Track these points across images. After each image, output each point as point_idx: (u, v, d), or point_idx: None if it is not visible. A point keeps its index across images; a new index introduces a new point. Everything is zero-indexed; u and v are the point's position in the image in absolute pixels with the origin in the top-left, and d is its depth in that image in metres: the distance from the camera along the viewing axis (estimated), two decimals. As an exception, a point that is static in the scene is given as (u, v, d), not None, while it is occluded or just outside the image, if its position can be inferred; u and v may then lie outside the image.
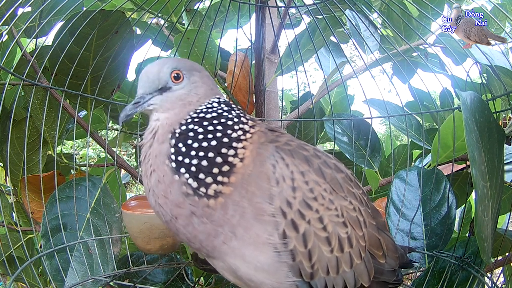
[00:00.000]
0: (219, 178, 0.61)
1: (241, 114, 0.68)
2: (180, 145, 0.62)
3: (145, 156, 0.66)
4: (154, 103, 0.66)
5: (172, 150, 0.63)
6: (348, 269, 0.66)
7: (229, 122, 0.65)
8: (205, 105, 0.67)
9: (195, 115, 0.65)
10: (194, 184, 0.61)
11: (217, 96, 0.70)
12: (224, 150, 0.62)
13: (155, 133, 0.66)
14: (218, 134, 0.63)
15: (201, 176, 0.61)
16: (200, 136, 0.63)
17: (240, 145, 0.63)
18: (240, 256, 0.62)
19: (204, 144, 0.62)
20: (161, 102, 0.66)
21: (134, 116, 0.70)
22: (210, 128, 0.63)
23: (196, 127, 0.64)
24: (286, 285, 0.63)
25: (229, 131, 0.64)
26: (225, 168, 0.61)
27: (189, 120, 0.65)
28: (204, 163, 0.61)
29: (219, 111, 0.66)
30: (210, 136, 0.63)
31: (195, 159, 0.61)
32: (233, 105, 0.69)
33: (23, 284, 1.49)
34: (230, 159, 0.62)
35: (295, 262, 0.62)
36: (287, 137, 0.69)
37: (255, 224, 0.60)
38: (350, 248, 0.66)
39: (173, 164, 0.62)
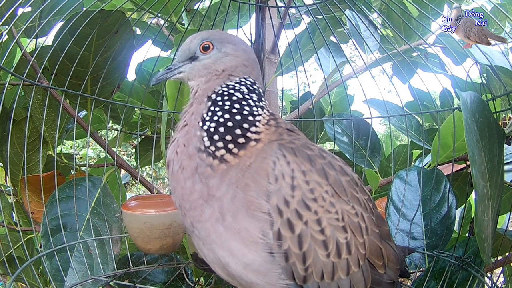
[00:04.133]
0: (230, 146, 0.65)
1: (267, 107, 0.72)
2: (212, 108, 0.68)
3: (184, 113, 0.72)
4: (183, 70, 0.74)
5: (205, 110, 0.69)
6: (344, 276, 0.64)
7: (254, 109, 0.69)
8: (237, 82, 0.71)
9: (226, 88, 0.70)
10: (207, 143, 0.66)
11: (251, 79, 0.72)
12: (245, 125, 0.67)
13: (195, 94, 0.72)
14: (245, 112, 0.68)
15: (215, 137, 0.66)
16: (226, 107, 0.68)
17: (259, 129, 0.67)
18: (227, 249, 0.62)
19: (227, 116, 0.67)
20: (189, 70, 0.73)
21: (168, 78, 0.76)
22: (237, 105, 0.68)
23: (226, 98, 0.69)
24: (278, 287, 0.62)
25: (255, 113, 0.69)
26: (241, 140, 0.65)
27: (220, 92, 0.70)
28: (221, 129, 0.66)
29: (250, 93, 0.70)
30: (234, 110, 0.68)
31: (214, 123, 0.67)
32: (263, 98, 0.72)
33: (23, 284, 1.49)
34: (249, 134, 0.66)
35: (288, 263, 0.60)
36: (294, 137, 0.68)
37: (246, 218, 0.60)
38: (348, 254, 0.64)
39: (201, 123, 0.68)
